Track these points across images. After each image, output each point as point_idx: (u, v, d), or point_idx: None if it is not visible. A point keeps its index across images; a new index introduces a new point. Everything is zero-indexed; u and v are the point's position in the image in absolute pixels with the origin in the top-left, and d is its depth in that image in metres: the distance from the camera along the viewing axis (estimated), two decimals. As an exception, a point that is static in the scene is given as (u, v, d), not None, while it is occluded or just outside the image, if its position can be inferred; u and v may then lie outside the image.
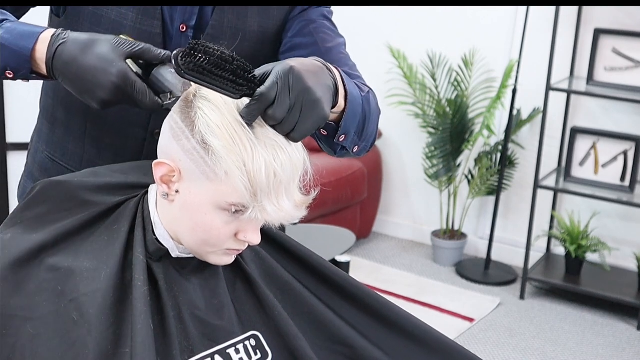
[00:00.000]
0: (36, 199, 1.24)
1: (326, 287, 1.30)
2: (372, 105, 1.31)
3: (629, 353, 3.28)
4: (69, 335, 1.10)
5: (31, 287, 1.12)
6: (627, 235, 3.76)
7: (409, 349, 1.28)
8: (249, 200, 1.08)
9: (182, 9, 1.33)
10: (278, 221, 1.13)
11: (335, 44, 1.41)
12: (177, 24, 1.34)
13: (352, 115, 1.23)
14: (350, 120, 1.23)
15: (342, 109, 1.21)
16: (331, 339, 1.26)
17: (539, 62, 3.72)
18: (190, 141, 1.10)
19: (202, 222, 1.12)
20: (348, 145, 1.28)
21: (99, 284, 1.12)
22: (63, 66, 1.14)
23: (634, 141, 3.51)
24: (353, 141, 1.28)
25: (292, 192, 1.11)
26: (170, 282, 1.19)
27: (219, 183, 1.09)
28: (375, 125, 1.33)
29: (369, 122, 1.29)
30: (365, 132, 1.29)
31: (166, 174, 1.13)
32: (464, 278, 3.87)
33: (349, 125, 1.23)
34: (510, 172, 3.92)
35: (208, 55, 1.04)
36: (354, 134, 1.26)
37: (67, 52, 1.13)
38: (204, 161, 1.09)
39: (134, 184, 1.27)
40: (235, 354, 1.19)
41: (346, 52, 1.43)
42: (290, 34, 1.40)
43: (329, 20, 1.44)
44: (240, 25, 1.36)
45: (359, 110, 1.24)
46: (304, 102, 1.08)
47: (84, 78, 1.12)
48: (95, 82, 1.12)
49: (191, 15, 1.33)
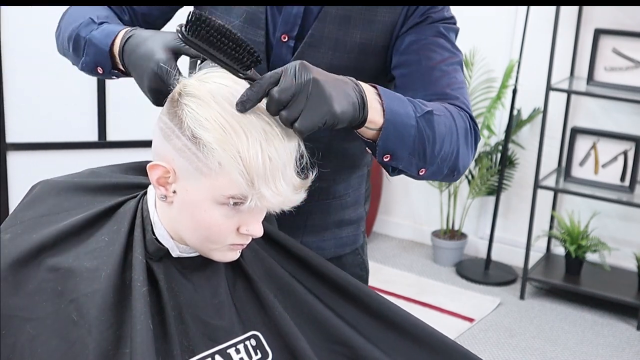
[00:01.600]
0: (36, 199, 1.24)
1: (326, 287, 1.30)
2: (443, 128, 1.22)
3: (629, 353, 3.28)
4: (68, 336, 1.10)
5: (31, 287, 1.12)
6: (627, 235, 3.76)
7: (409, 349, 1.28)
8: (246, 188, 1.08)
9: (285, 19, 1.35)
10: (278, 207, 1.12)
11: (439, 61, 1.34)
12: (279, 33, 1.36)
13: (395, 134, 1.16)
14: (394, 139, 1.17)
15: (379, 127, 1.15)
16: (331, 338, 1.26)
17: (539, 62, 3.72)
18: (180, 139, 1.10)
19: (203, 219, 1.12)
20: (405, 168, 1.22)
21: (99, 284, 1.12)
22: (127, 58, 1.21)
23: (634, 141, 3.51)
24: (411, 164, 1.21)
25: (289, 175, 1.10)
26: (171, 282, 1.19)
27: (214, 177, 1.09)
28: (451, 148, 1.25)
29: (436, 144, 1.21)
30: (431, 155, 1.22)
31: (161, 176, 1.13)
32: (464, 278, 3.87)
33: (392, 145, 1.17)
34: (510, 172, 3.92)
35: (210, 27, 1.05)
36: (408, 156, 1.20)
37: (130, 45, 1.21)
38: (196, 157, 1.09)
39: (134, 184, 1.27)
40: (236, 353, 1.19)
41: (451, 68, 1.35)
42: (400, 51, 1.36)
43: (445, 37, 1.37)
44: (340, 36, 1.35)
45: (410, 131, 1.18)
46: (311, 92, 1.06)
47: (137, 67, 1.19)
48: (142, 70, 1.17)
49: (293, 26, 1.35)
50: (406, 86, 1.33)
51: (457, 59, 1.37)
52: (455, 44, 1.39)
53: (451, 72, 1.35)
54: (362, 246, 1.63)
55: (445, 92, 1.32)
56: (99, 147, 3.14)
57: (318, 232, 1.52)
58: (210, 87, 1.11)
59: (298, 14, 1.35)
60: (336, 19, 1.35)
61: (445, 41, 1.37)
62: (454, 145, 1.25)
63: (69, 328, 1.10)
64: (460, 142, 1.27)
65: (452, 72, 1.35)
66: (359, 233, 1.60)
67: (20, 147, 3.03)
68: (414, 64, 1.34)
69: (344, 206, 1.55)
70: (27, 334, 1.10)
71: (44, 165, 3.06)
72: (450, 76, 1.35)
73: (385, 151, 1.17)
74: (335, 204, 1.53)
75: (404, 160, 1.20)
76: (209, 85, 1.11)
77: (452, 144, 1.25)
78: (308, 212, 1.44)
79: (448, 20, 1.39)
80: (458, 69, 1.37)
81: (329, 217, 1.53)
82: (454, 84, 1.34)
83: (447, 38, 1.37)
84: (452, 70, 1.35)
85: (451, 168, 1.28)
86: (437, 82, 1.32)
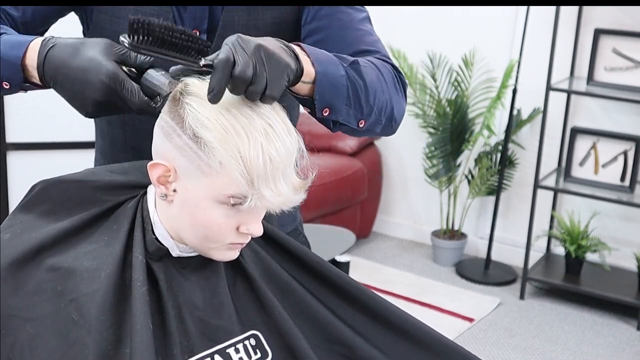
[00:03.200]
0: (35, 199, 1.24)
1: (325, 287, 1.30)
2: (371, 76, 1.25)
3: (629, 353, 3.28)
4: (68, 336, 1.10)
5: (30, 287, 1.12)
6: (627, 235, 3.76)
7: (408, 350, 1.28)
8: (246, 188, 1.08)
9: (192, 14, 1.34)
10: (278, 207, 1.12)
11: (351, 22, 1.37)
12: (190, 29, 1.34)
13: (329, 85, 1.18)
14: (329, 91, 1.19)
15: (312, 79, 1.17)
16: (330, 339, 1.26)
17: (539, 62, 3.72)
18: (181, 137, 1.10)
19: (203, 218, 1.12)
20: (345, 120, 1.24)
21: (99, 284, 1.12)
22: (54, 70, 1.14)
23: (634, 141, 3.51)
24: (350, 115, 1.24)
25: (289, 175, 1.10)
26: (171, 282, 1.19)
27: (215, 176, 1.09)
28: (384, 96, 1.27)
29: (369, 93, 1.24)
30: (366, 104, 1.24)
31: (162, 175, 1.13)
32: (464, 278, 3.87)
33: (328, 97, 1.19)
34: (510, 172, 3.92)
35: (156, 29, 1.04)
36: (345, 107, 1.22)
37: (56, 55, 1.14)
38: (197, 155, 1.09)
39: (134, 184, 1.27)
40: (235, 353, 1.19)
41: (366, 28, 1.39)
42: (308, 20, 1.38)
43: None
44: (251, 21, 1.36)
45: (342, 81, 1.20)
46: (264, 56, 1.06)
47: (75, 80, 1.13)
48: (85, 82, 1.12)
49: (202, 20, 1.35)
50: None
51: (364, 14, 1.41)
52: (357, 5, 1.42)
53: (362, 28, 1.38)
54: (300, 223, 1.64)
55: (362, 49, 1.33)
56: (99, 147, 3.14)
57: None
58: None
59: (204, 7, 1.35)
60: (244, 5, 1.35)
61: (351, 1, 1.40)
62: (386, 94, 1.28)
63: (68, 328, 1.10)
64: (392, 90, 1.30)
65: (363, 28, 1.39)
66: (295, 209, 1.58)
67: (20, 147, 3.03)
68: (325, 28, 1.37)
69: None
70: (26, 333, 1.10)
71: (44, 165, 3.06)
72: (362, 32, 1.38)
73: (323, 104, 1.19)
74: None
75: (342, 112, 1.22)
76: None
77: (384, 93, 1.28)
78: None
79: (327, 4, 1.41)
80: (367, 24, 1.40)
81: None
82: (368, 39, 1.38)
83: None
84: (362, 27, 1.39)
85: (388, 117, 1.30)
86: (354, 42, 1.35)
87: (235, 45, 1.06)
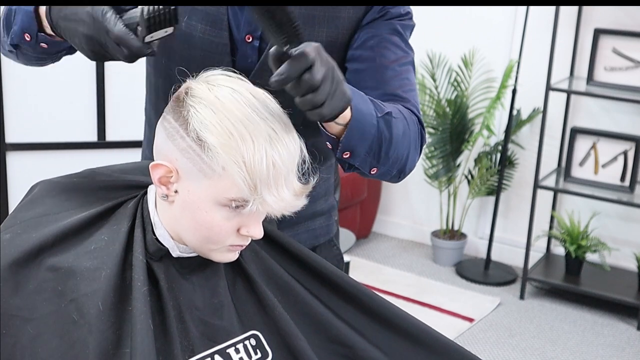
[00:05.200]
0: (36, 199, 1.24)
1: (325, 287, 1.30)
2: (398, 130, 1.24)
3: (629, 353, 3.28)
4: (69, 336, 1.10)
5: (31, 287, 1.12)
6: (627, 235, 3.76)
7: (408, 349, 1.28)
8: (248, 193, 1.08)
9: (248, 20, 1.34)
10: (279, 212, 1.12)
11: (395, 62, 1.35)
12: (243, 34, 1.35)
13: (358, 132, 1.17)
14: (357, 138, 1.18)
15: (346, 122, 1.16)
16: (330, 339, 1.26)
17: (539, 62, 3.72)
18: (185, 139, 1.10)
19: (203, 220, 1.13)
20: (360, 166, 1.23)
21: (99, 284, 1.12)
22: (56, 13, 1.17)
23: (634, 141, 3.51)
24: (366, 162, 1.23)
25: (291, 181, 1.11)
26: (171, 282, 1.19)
27: (217, 179, 1.09)
28: (403, 151, 1.26)
29: (391, 146, 1.23)
30: (385, 156, 1.23)
31: (164, 175, 1.13)
32: (464, 278, 3.87)
33: (354, 143, 1.18)
34: (510, 172, 3.92)
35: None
36: (365, 155, 1.21)
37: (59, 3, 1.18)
38: (200, 158, 1.09)
39: (134, 184, 1.27)
40: (235, 353, 1.19)
41: (407, 73, 1.37)
42: (355, 45, 1.37)
43: (400, 35, 1.38)
44: (306, 36, 1.34)
45: (371, 130, 1.19)
46: (334, 76, 1.06)
47: (70, 18, 1.15)
48: (76, 18, 1.13)
49: (257, 26, 1.34)
50: (358, 82, 1.33)
51: (410, 59, 1.39)
52: (409, 42, 1.40)
53: (404, 72, 1.37)
54: (336, 235, 1.64)
55: (396, 94, 1.32)
56: (99, 147, 3.14)
57: (292, 226, 1.51)
58: (217, 90, 1.11)
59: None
60: (300, 19, 1.32)
61: (400, 39, 1.38)
62: (405, 149, 1.27)
63: (69, 328, 1.10)
64: (411, 146, 1.29)
65: (404, 72, 1.37)
66: (331, 223, 1.61)
67: (20, 147, 3.03)
68: (367, 60, 1.35)
69: (315, 198, 1.53)
70: (27, 334, 1.10)
71: (44, 165, 3.06)
72: (402, 77, 1.36)
73: (347, 148, 1.19)
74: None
75: (361, 159, 1.22)
76: (216, 88, 1.11)
77: (404, 148, 1.27)
78: None
79: (404, 17, 1.40)
80: (410, 70, 1.39)
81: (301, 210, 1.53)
82: (406, 85, 1.36)
83: (402, 36, 1.39)
84: (404, 71, 1.37)
85: (400, 170, 1.30)
86: (390, 82, 1.33)
87: (318, 51, 1.05)
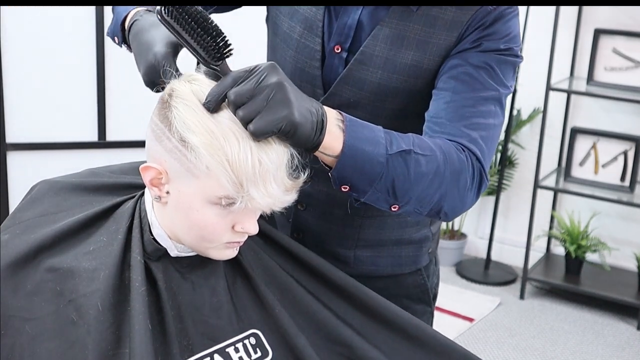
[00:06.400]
0: (35, 199, 1.24)
1: (325, 287, 1.30)
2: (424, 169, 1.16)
3: (629, 353, 3.28)
4: (68, 336, 1.10)
5: (30, 287, 1.12)
6: (627, 235, 3.76)
7: (407, 349, 1.28)
8: (234, 192, 1.08)
9: (339, 30, 1.35)
10: (268, 208, 1.12)
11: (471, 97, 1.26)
12: (333, 43, 1.35)
13: (351, 167, 1.12)
14: (350, 171, 1.12)
15: (336, 154, 1.11)
16: (329, 338, 1.26)
17: (539, 62, 3.72)
18: (170, 140, 1.10)
19: (197, 219, 1.12)
20: (372, 202, 1.17)
21: (98, 284, 1.12)
22: (132, 37, 1.25)
23: (634, 141, 3.51)
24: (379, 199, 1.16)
25: (280, 178, 1.10)
26: (169, 282, 1.19)
27: (204, 179, 1.09)
28: (431, 191, 1.18)
29: (412, 183, 1.16)
30: (404, 194, 1.16)
31: (155, 177, 1.13)
32: (464, 278, 3.87)
33: (350, 177, 1.13)
34: (510, 172, 3.92)
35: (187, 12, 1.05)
36: (372, 191, 1.14)
37: (135, 29, 1.25)
38: (186, 158, 1.09)
39: (132, 185, 1.27)
40: (235, 352, 1.19)
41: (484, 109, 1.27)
42: (441, 73, 1.30)
43: (489, 70, 1.28)
44: (391, 56, 1.32)
45: (375, 166, 1.12)
46: (273, 96, 1.04)
47: (138, 51, 1.21)
48: (141, 58, 1.19)
49: (346, 38, 1.34)
50: (436, 112, 1.27)
51: (494, 95, 1.28)
52: (503, 79, 1.29)
53: (480, 113, 1.27)
54: (426, 267, 1.56)
55: (463, 132, 1.25)
56: (99, 147, 3.14)
57: (373, 247, 1.49)
58: (198, 89, 1.11)
59: (351, 25, 1.34)
60: (389, 38, 1.31)
61: (488, 75, 1.28)
62: (435, 189, 1.19)
63: (68, 328, 1.10)
64: (449, 186, 1.20)
65: (481, 114, 1.27)
66: (421, 254, 1.53)
67: (20, 147, 3.03)
68: (445, 90, 1.28)
69: (404, 225, 1.49)
70: (26, 334, 1.10)
71: (44, 165, 3.06)
72: (476, 118, 1.26)
73: (342, 181, 1.13)
74: (391, 222, 1.48)
75: (367, 195, 1.16)
76: (196, 88, 1.11)
77: (433, 187, 1.18)
78: (359, 225, 1.46)
79: (502, 52, 1.30)
80: (490, 110, 1.28)
81: (384, 234, 1.49)
82: (478, 126, 1.26)
83: (493, 71, 1.28)
84: (483, 111, 1.27)
85: (435, 209, 1.22)
86: (461, 119, 1.25)
87: (258, 70, 1.05)
